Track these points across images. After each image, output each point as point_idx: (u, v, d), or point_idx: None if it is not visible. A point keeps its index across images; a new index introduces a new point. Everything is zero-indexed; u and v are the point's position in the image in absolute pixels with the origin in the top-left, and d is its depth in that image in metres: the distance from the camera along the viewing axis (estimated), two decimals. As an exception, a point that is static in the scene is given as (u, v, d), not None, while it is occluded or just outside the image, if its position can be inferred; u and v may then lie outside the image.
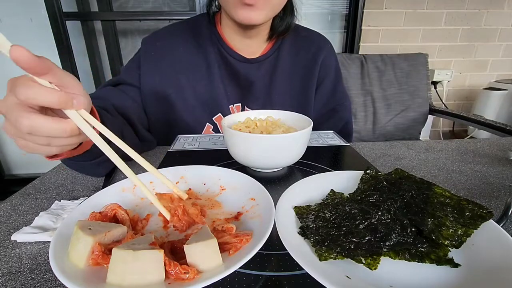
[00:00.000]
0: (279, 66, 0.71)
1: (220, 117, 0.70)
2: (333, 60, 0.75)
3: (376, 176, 0.37)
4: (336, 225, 0.30)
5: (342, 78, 0.78)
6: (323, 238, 0.28)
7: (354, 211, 0.32)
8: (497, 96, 1.74)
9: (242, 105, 0.71)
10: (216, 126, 0.71)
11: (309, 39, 0.74)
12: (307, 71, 0.73)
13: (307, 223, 0.31)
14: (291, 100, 0.72)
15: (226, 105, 0.70)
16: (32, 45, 1.72)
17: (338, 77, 0.77)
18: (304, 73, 0.73)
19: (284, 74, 0.72)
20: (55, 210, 0.39)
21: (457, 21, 1.77)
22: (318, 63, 0.73)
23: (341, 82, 0.77)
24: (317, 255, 0.26)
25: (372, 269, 0.25)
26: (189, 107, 0.69)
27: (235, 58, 0.69)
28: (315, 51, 0.73)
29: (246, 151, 0.45)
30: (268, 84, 0.71)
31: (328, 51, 0.74)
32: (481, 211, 0.30)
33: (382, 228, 0.29)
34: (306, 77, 0.73)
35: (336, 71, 0.76)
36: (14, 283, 0.28)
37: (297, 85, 0.73)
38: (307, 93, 0.73)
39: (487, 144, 0.66)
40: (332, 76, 0.75)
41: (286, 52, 0.72)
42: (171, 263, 0.24)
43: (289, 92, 0.72)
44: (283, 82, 0.72)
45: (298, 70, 0.73)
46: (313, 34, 0.76)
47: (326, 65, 0.74)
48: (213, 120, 0.70)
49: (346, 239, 0.28)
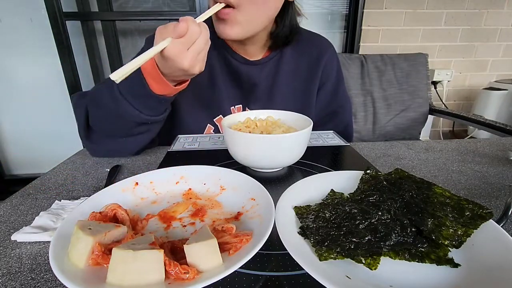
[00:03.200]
0: (282, 68, 0.71)
1: (221, 119, 0.70)
2: (335, 63, 0.76)
3: (376, 176, 0.37)
4: (336, 225, 0.30)
5: (344, 81, 0.78)
6: (323, 238, 0.28)
7: (354, 211, 0.32)
8: (497, 96, 1.74)
9: (243, 106, 0.72)
10: (217, 127, 0.71)
11: (312, 41, 0.74)
12: (310, 73, 0.73)
13: (307, 223, 0.31)
14: (293, 102, 0.73)
15: (228, 106, 0.70)
16: (32, 45, 1.73)
17: (339, 80, 0.77)
18: (306, 75, 0.73)
19: (287, 76, 0.72)
20: (55, 210, 0.39)
21: (457, 21, 1.77)
22: (321, 65, 0.73)
23: (342, 85, 0.78)
24: (317, 255, 0.26)
25: (372, 269, 0.25)
26: (190, 107, 0.69)
27: (237, 60, 0.69)
28: (318, 53, 0.73)
29: (246, 151, 0.45)
30: (270, 86, 0.71)
31: (330, 54, 0.75)
32: (481, 211, 0.30)
33: (382, 228, 0.29)
34: (308, 79, 0.73)
35: (338, 74, 0.76)
36: (14, 283, 0.28)
37: (299, 87, 0.73)
38: (309, 95, 0.73)
39: (487, 144, 0.66)
40: (333, 79, 0.75)
41: (289, 54, 0.72)
42: (171, 263, 0.24)
43: (291, 94, 0.72)
44: (285, 84, 0.72)
45: (301, 72, 0.73)
46: (316, 37, 0.76)
47: (328, 67, 0.74)
48: (214, 121, 0.70)
49: (346, 239, 0.28)
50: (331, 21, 1.78)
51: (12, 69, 1.62)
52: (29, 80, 1.66)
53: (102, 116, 0.56)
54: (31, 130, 1.77)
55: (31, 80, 1.67)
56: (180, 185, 0.41)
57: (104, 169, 0.54)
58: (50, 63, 1.60)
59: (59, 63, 1.46)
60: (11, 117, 1.74)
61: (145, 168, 0.55)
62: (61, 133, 1.76)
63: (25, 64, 1.63)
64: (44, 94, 1.70)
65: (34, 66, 1.64)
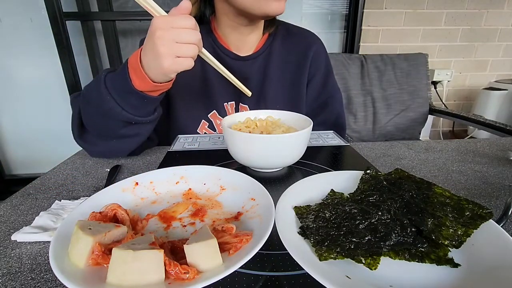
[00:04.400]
0: (272, 62, 0.74)
1: (215, 114, 0.72)
2: (323, 55, 0.78)
3: (376, 176, 0.37)
4: (336, 225, 0.30)
5: (332, 72, 0.80)
6: (323, 238, 0.28)
7: (354, 211, 0.32)
8: (497, 96, 1.74)
9: (236, 102, 0.73)
10: (211, 123, 0.73)
11: (299, 35, 0.77)
12: (299, 66, 0.75)
13: (307, 223, 0.31)
14: (283, 95, 0.74)
15: (221, 102, 0.72)
16: (32, 45, 1.73)
17: (328, 71, 0.79)
18: (295, 68, 0.75)
19: (276, 70, 0.74)
20: (55, 210, 0.39)
21: (457, 21, 1.76)
22: (309, 58, 0.75)
23: (331, 76, 0.80)
24: (317, 255, 0.26)
25: (372, 269, 0.25)
26: (185, 103, 0.71)
27: (229, 56, 0.71)
28: (306, 46, 0.75)
29: (246, 151, 0.45)
30: (261, 80, 0.73)
31: (318, 46, 0.77)
32: (481, 211, 0.30)
33: (382, 228, 0.29)
34: (297, 71, 0.75)
35: (326, 65, 0.78)
36: (14, 283, 0.28)
37: (289, 80, 0.75)
38: (299, 87, 0.76)
39: (487, 144, 0.66)
40: (322, 70, 0.78)
41: (278, 48, 0.74)
42: (171, 263, 0.24)
43: (281, 87, 0.74)
44: (275, 77, 0.74)
45: (290, 65, 0.75)
46: (303, 31, 0.79)
47: (317, 59, 0.76)
48: (208, 117, 0.72)
49: (346, 239, 0.28)
50: (331, 21, 1.78)
51: (12, 69, 1.62)
52: (29, 80, 1.66)
53: (91, 114, 0.55)
54: (31, 130, 1.77)
55: (31, 80, 1.66)
56: (180, 185, 0.41)
57: (104, 169, 0.54)
58: (50, 63, 1.60)
59: (59, 63, 1.46)
60: (11, 117, 1.74)
61: (145, 168, 0.55)
62: (61, 133, 1.76)
63: (25, 64, 1.63)
64: (44, 94, 1.70)
65: (34, 66, 1.64)
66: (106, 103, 0.49)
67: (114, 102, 0.49)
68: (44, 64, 1.63)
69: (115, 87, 0.49)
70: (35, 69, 1.65)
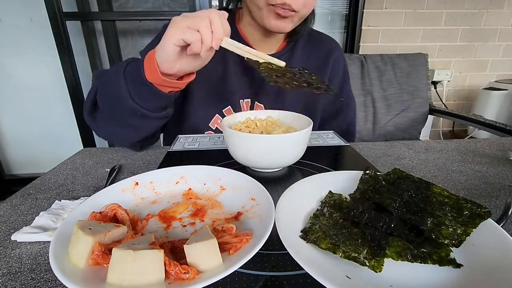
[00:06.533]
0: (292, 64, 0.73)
1: (229, 110, 0.72)
2: (342, 63, 0.79)
3: (375, 177, 0.37)
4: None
5: (349, 80, 0.81)
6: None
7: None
8: (497, 96, 1.74)
9: (252, 100, 0.73)
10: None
11: (321, 41, 0.78)
12: (319, 71, 0.75)
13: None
14: (300, 98, 0.74)
15: (237, 99, 0.72)
16: (32, 45, 1.72)
17: (345, 78, 0.80)
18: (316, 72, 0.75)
19: None
20: (55, 210, 0.39)
21: (457, 21, 1.76)
22: (330, 64, 0.76)
23: (348, 84, 0.81)
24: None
25: (376, 271, 0.25)
26: (201, 96, 0.70)
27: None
28: (327, 53, 0.76)
29: (246, 151, 0.45)
30: None
31: (338, 53, 0.78)
32: (479, 210, 0.30)
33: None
34: None
35: (344, 73, 0.80)
36: (14, 283, 0.28)
37: None
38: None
39: (487, 144, 0.66)
40: (340, 77, 0.79)
41: (300, 52, 0.75)
42: (171, 263, 0.24)
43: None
44: None
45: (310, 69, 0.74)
46: (326, 37, 0.80)
47: (336, 66, 0.77)
48: (222, 111, 0.72)
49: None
50: (331, 21, 1.78)
51: (12, 69, 1.62)
52: (29, 80, 1.66)
53: (106, 94, 0.56)
54: (31, 130, 1.77)
55: (31, 80, 1.66)
56: (180, 185, 0.41)
57: (104, 169, 0.54)
58: (50, 63, 1.60)
59: (59, 63, 1.46)
60: (11, 117, 1.74)
61: (145, 168, 0.55)
62: (61, 133, 1.76)
63: (25, 64, 1.63)
64: (44, 94, 1.69)
65: (34, 66, 1.64)
66: (119, 88, 0.51)
67: (126, 89, 0.50)
68: (44, 64, 1.63)
69: (131, 74, 0.51)
70: (35, 69, 1.65)
